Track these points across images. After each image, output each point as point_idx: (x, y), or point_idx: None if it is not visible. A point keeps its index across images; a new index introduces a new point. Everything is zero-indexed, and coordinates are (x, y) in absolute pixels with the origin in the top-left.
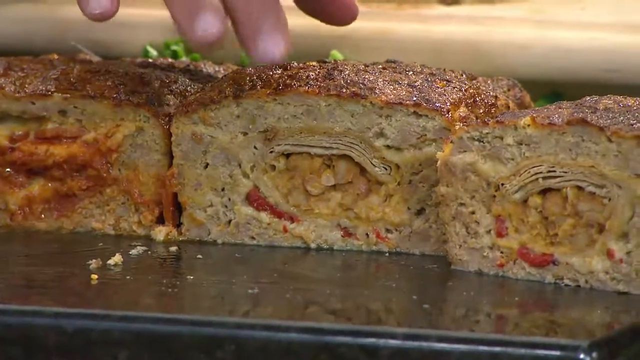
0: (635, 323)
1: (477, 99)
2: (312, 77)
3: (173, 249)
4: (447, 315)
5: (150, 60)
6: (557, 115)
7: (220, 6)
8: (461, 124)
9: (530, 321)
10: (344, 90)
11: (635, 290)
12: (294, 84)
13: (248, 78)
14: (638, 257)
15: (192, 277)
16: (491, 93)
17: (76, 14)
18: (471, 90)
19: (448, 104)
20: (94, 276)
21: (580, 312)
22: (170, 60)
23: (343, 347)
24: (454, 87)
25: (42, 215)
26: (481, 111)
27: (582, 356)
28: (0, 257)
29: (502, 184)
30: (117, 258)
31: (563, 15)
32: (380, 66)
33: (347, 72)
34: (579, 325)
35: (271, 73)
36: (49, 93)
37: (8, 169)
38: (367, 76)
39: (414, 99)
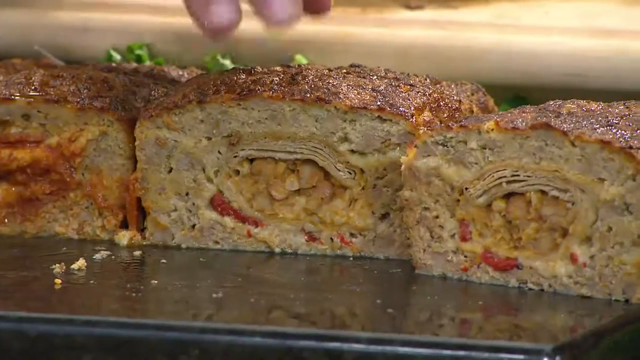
0: (598, 327)
1: (441, 103)
2: (276, 81)
3: (137, 253)
4: (411, 319)
5: (114, 64)
6: (520, 120)
7: None
8: (425, 129)
9: (494, 325)
10: (308, 95)
11: (599, 294)
12: (258, 89)
13: (212, 83)
14: (601, 261)
15: (156, 282)
16: (455, 97)
17: (39, 18)
18: (435, 95)
19: (412, 108)
20: (58, 281)
21: (544, 316)
22: (134, 64)
23: (307, 351)
24: (418, 92)
25: (6, 220)
26: (445, 115)
27: None
28: None
29: (466, 188)
30: (80, 262)
31: (526, 19)
32: (344, 71)
33: (311, 77)
34: (542, 329)
35: (235, 78)
36: (13, 97)
37: None
38: (331, 81)
39: (378, 103)
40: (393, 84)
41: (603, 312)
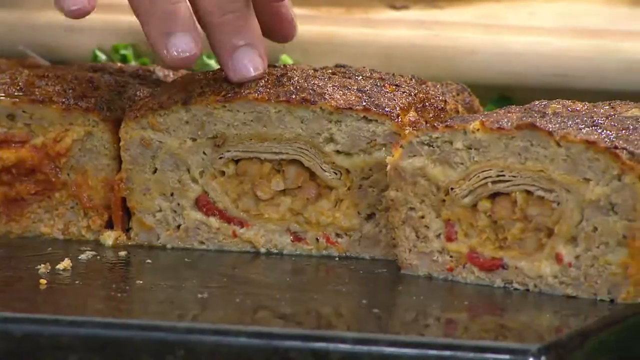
0: (583, 327)
1: (427, 103)
2: (261, 83)
3: (122, 253)
4: (396, 320)
5: (99, 64)
6: (506, 120)
7: (195, 25)
8: (411, 129)
9: (480, 325)
10: (294, 97)
11: (584, 294)
12: (243, 91)
13: (197, 84)
14: (586, 261)
15: (141, 282)
16: (440, 97)
17: (24, 18)
18: (420, 95)
19: (397, 108)
20: (43, 281)
21: (530, 316)
22: (119, 64)
23: (293, 351)
24: (404, 92)
25: None
26: (431, 116)
27: None
28: None
29: (452, 188)
30: (66, 263)
31: (512, 19)
32: (330, 71)
33: (296, 78)
34: (528, 329)
35: (220, 79)
36: None
37: None
38: (316, 82)
39: (364, 103)
40: (378, 84)
41: (588, 312)
